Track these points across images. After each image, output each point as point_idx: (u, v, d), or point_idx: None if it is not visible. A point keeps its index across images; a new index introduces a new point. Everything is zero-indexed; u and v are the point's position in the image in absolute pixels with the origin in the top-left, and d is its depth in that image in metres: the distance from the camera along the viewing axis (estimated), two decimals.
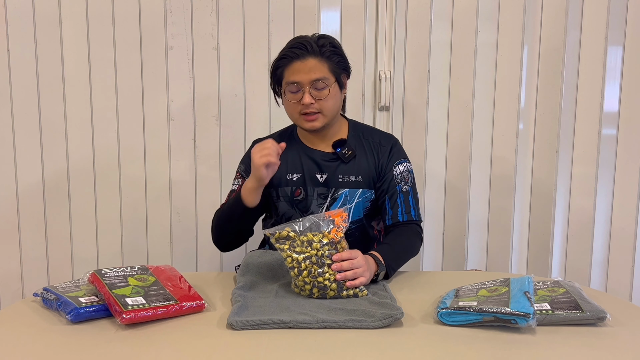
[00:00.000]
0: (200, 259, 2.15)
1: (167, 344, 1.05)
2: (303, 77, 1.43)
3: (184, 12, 2.02)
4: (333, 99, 1.47)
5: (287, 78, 1.46)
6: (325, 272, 1.25)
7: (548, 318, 1.12)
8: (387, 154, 1.54)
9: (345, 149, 1.52)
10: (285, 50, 1.46)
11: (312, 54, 1.44)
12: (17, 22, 1.99)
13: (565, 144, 2.10)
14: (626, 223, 2.13)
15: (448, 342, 1.06)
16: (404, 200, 1.52)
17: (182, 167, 2.10)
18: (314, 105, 1.44)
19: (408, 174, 1.56)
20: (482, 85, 2.08)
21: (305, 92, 1.43)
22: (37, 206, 2.08)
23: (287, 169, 1.53)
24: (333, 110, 1.48)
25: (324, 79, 1.44)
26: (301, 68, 1.43)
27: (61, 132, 2.05)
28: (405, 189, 1.54)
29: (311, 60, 1.43)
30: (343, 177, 1.51)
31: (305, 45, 1.44)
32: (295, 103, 1.46)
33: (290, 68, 1.45)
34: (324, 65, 1.44)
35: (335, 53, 1.47)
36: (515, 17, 2.04)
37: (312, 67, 1.43)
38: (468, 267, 2.17)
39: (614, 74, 2.06)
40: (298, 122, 1.50)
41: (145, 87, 2.05)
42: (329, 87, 1.45)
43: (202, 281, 1.38)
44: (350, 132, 1.57)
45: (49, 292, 1.20)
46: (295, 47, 1.44)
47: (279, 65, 1.47)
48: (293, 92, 1.45)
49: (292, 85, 1.45)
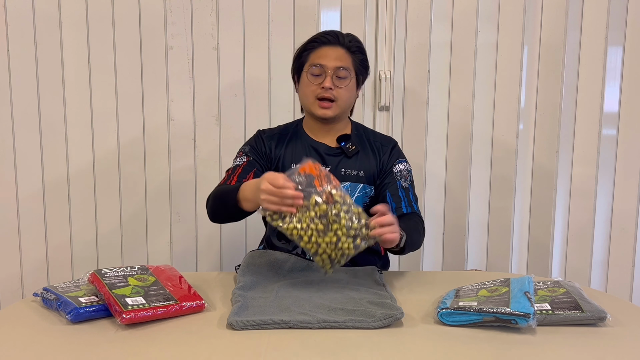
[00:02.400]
0: (200, 259, 2.15)
1: (167, 344, 1.05)
2: (329, 62, 1.48)
3: (184, 12, 2.02)
4: (350, 92, 1.52)
5: (312, 60, 1.51)
6: (334, 227, 1.21)
7: (548, 318, 1.12)
8: (388, 153, 1.57)
9: (349, 144, 1.54)
10: (316, 36, 1.53)
11: (341, 45, 1.51)
12: (17, 22, 1.99)
13: (565, 144, 2.10)
14: (626, 223, 2.13)
15: (448, 342, 1.06)
16: (405, 195, 1.54)
17: (182, 167, 2.09)
18: (332, 91, 1.48)
19: (407, 173, 1.58)
20: (482, 85, 2.08)
21: (327, 76, 1.48)
22: (37, 206, 2.08)
23: (293, 158, 1.54)
24: (347, 102, 1.53)
25: (347, 68, 1.50)
26: (329, 53, 1.50)
27: (61, 132, 2.05)
28: (405, 185, 1.56)
29: (339, 49, 1.51)
30: (345, 171, 1.53)
31: (337, 35, 1.52)
32: (314, 85, 1.50)
33: (318, 52, 1.51)
34: (349, 58, 1.52)
35: (360, 51, 1.54)
36: (515, 17, 2.04)
37: (339, 55, 1.50)
38: (468, 267, 2.17)
39: (614, 74, 2.06)
40: (312, 107, 1.51)
41: (145, 87, 2.05)
42: (350, 78, 1.51)
43: (202, 281, 1.38)
44: (354, 131, 1.60)
45: (49, 292, 1.20)
46: (327, 34, 1.52)
47: (306, 48, 1.53)
48: (315, 74, 1.50)
49: (316, 67, 1.49)
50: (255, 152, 1.54)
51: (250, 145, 1.57)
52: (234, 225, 2.11)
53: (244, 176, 1.48)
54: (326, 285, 1.31)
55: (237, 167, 1.51)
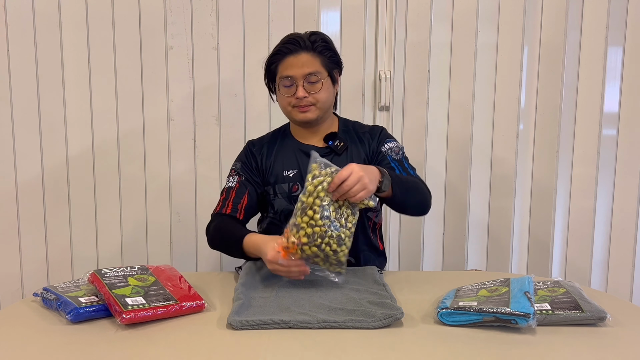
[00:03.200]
0: (200, 259, 2.15)
1: (167, 344, 1.05)
2: (296, 72, 1.47)
3: (184, 12, 2.02)
4: (326, 92, 1.50)
5: (280, 73, 1.50)
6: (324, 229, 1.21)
7: (548, 318, 1.12)
8: (376, 138, 1.58)
9: (337, 141, 1.55)
10: (278, 47, 1.50)
11: (305, 49, 1.47)
12: (17, 22, 1.99)
13: (565, 144, 2.10)
14: (626, 223, 2.13)
15: (448, 342, 1.06)
16: (399, 165, 1.53)
17: (182, 167, 2.09)
18: (308, 98, 1.48)
19: (399, 150, 1.56)
20: (482, 86, 2.08)
21: (298, 86, 1.47)
22: (37, 206, 2.08)
23: (283, 166, 1.55)
24: (326, 102, 1.52)
25: (316, 73, 1.47)
26: (294, 63, 1.47)
27: (61, 132, 2.05)
28: (398, 158, 1.54)
29: (304, 55, 1.47)
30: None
31: (297, 40, 1.48)
32: (288, 97, 1.49)
33: (284, 63, 1.48)
34: (317, 60, 1.48)
35: (327, 48, 1.51)
36: (515, 17, 2.04)
37: (305, 61, 1.47)
38: (468, 267, 2.17)
39: (614, 75, 2.06)
40: (291, 114, 1.53)
41: (145, 87, 2.05)
42: (322, 80, 1.49)
43: (202, 281, 1.38)
44: (341, 127, 1.60)
45: (49, 292, 1.20)
46: (288, 43, 1.48)
47: (272, 61, 1.51)
48: (287, 86, 1.49)
49: (285, 79, 1.48)
50: (246, 169, 1.56)
51: (241, 161, 1.58)
52: None
53: (238, 201, 1.51)
54: (326, 285, 1.31)
55: (231, 191, 1.53)
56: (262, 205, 1.59)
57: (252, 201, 1.53)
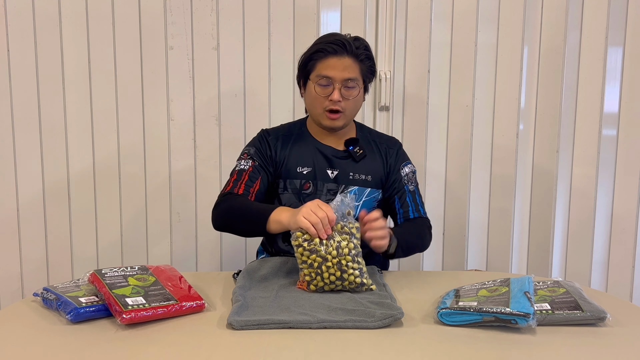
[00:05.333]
0: (200, 259, 2.15)
1: (167, 344, 1.05)
2: (337, 74, 1.44)
3: (184, 12, 2.02)
4: (358, 101, 1.50)
5: (319, 71, 1.46)
6: (349, 266, 1.26)
7: (548, 318, 1.12)
8: (394, 156, 1.58)
9: (357, 148, 1.54)
10: (322, 45, 1.46)
11: (349, 54, 1.45)
12: (17, 22, 1.99)
13: (565, 144, 2.10)
14: (626, 223, 2.13)
15: (448, 342, 1.06)
16: (412, 199, 1.56)
17: (182, 167, 2.09)
18: (341, 103, 1.46)
19: (413, 175, 1.59)
20: (482, 86, 2.08)
21: (335, 89, 1.45)
22: (37, 206, 2.08)
23: (298, 162, 1.53)
24: (354, 111, 1.52)
25: (355, 80, 1.46)
26: (337, 64, 1.44)
27: (61, 132, 2.05)
28: (412, 188, 1.57)
29: (347, 59, 1.45)
30: (354, 175, 1.53)
31: (344, 43, 1.45)
32: (322, 97, 1.47)
33: (325, 62, 1.45)
34: (357, 67, 1.47)
35: (368, 57, 1.49)
36: (515, 17, 2.04)
37: (348, 66, 1.45)
38: (468, 267, 2.17)
39: (614, 75, 2.06)
40: (319, 117, 1.50)
41: (145, 87, 2.05)
42: (359, 88, 1.48)
43: (202, 281, 1.38)
44: (359, 133, 1.59)
45: (49, 292, 1.20)
46: (333, 43, 1.45)
47: (312, 58, 1.48)
48: (323, 85, 1.46)
49: (324, 79, 1.46)
50: (261, 155, 1.52)
51: (255, 147, 1.55)
52: None
53: (250, 185, 1.48)
54: None
55: (243, 173, 1.50)
56: (268, 196, 1.57)
57: (264, 188, 1.50)
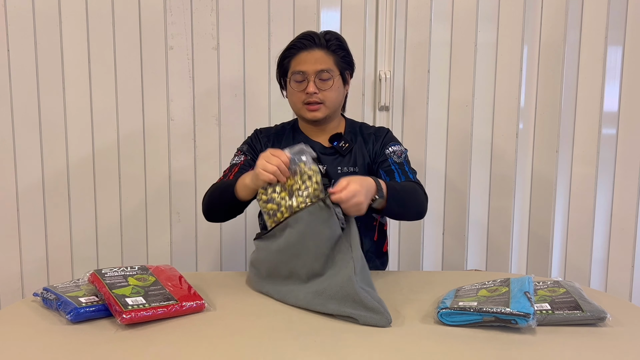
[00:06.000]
0: (200, 259, 2.15)
1: (167, 344, 1.05)
2: (309, 67, 1.48)
3: (184, 12, 2.02)
4: (336, 92, 1.52)
5: (293, 68, 1.51)
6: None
7: (548, 318, 1.12)
8: (380, 140, 1.58)
9: (342, 142, 1.55)
10: (293, 42, 1.52)
11: (319, 46, 1.49)
12: (17, 22, 1.99)
13: (565, 144, 2.10)
14: (626, 223, 2.13)
15: (448, 342, 1.06)
16: (399, 167, 1.52)
17: (182, 167, 2.09)
18: (318, 95, 1.48)
19: (402, 153, 1.56)
20: (482, 85, 2.08)
21: (310, 82, 1.48)
22: (37, 206, 2.08)
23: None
24: (335, 102, 1.53)
25: (329, 70, 1.49)
26: (308, 58, 1.48)
27: (61, 132, 2.05)
28: (399, 161, 1.54)
29: (318, 52, 1.49)
30: (342, 169, 1.54)
31: (312, 37, 1.50)
32: (299, 92, 1.50)
33: (297, 58, 1.50)
34: (330, 58, 1.50)
35: (340, 47, 1.53)
36: (515, 17, 2.04)
37: (318, 58, 1.48)
38: (468, 267, 2.17)
39: (613, 74, 2.06)
40: (300, 111, 1.53)
41: (145, 87, 2.05)
42: (334, 78, 1.50)
43: (202, 281, 1.38)
44: (347, 128, 1.61)
45: (49, 292, 1.20)
46: (303, 39, 1.50)
47: (286, 56, 1.53)
48: (298, 81, 1.50)
49: (297, 74, 1.49)
50: (253, 151, 1.57)
51: (248, 144, 1.60)
52: (234, 225, 2.11)
53: (239, 176, 1.48)
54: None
55: (234, 166, 1.53)
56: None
57: None
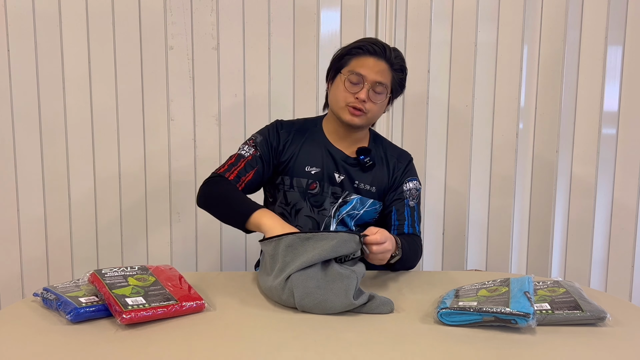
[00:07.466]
0: (200, 259, 2.15)
1: (167, 344, 1.05)
2: (370, 74, 1.45)
3: (184, 12, 2.02)
4: (381, 108, 1.51)
5: (352, 67, 1.47)
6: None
7: (548, 318, 1.12)
8: (402, 169, 1.58)
9: (367, 159, 1.54)
10: (363, 43, 1.48)
11: (386, 60, 1.47)
12: (17, 22, 1.99)
13: (565, 144, 2.10)
14: (626, 223, 2.13)
15: (448, 342, 1.06)
16: (411, 214, 1.55)
17: (182, 167, 2.09)
18: (365, 104, 1.46)
19: (417, 192, 1.59)
20: (482, 85, 2.08)
21: (364, 88, 1.45)
22: (37, 206, 2.08)
23: (307, 161, 1.52)
24: (376, 117, 1.52)
25: (385, 85, 1.47)
26: (372, 65, 1.46)
27: (61, 132, 2.05)
28: (412, 204, 1.57)
29: (383, 64, 1.47)
30: (358, 184, 1.53)
31: (384, 47, 1.47)
32: (348, 93, 1.47)
33: (361, 60, 1.47)
34: (390, 75, 1.49)
35: (402, 70, 1.52)
36: (515, 17, 2.04)
37: (382, 69, 1.47)
38: (468, 267, 2.17)
39: (613, 74, 2.06)
40: (341, 111, 1.49)
41: (145, 87, 2.05)
42: (385, 95, 1.49)
43: (202, 281, 1.38)
44: (372, 143, 1.59)
45: (49, 292, 1.20)
46: (374, 44, 1.48)
47: (350, 53, 1.49)
48: (353, 82, 1.46)
49: (356, 75, 1.46)
50: (266, 146, 1.52)
51: (263, 135, 1.54)
52: None
53: (243, 174, 1.48)
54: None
55: (241, 159, 1.50)
56: (270, 189, 1.57)
57: (256, 180, 1.50)
